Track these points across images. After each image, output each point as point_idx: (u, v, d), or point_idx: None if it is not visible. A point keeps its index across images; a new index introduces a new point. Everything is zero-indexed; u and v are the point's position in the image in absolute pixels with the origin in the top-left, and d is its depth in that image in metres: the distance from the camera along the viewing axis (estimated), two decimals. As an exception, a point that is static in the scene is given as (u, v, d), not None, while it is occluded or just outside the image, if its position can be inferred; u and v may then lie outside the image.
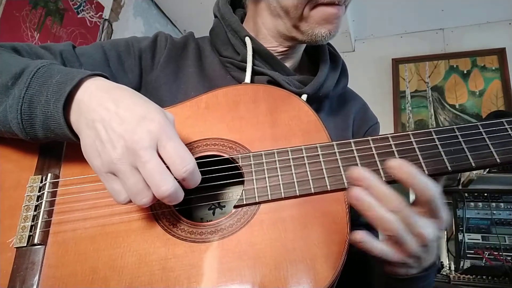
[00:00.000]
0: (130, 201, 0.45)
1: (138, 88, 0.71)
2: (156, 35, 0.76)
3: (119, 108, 0.46)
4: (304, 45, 0.78)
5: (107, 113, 0.45)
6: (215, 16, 0.78)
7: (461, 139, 0.52)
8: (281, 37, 0.72)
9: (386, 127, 0.86)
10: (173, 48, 0.75)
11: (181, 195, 0.45)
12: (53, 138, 0.51)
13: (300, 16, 0.66)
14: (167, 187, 0.43)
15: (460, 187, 2.54)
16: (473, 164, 0.50)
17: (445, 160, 0.51)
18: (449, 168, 0.50)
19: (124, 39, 0.74)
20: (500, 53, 2.89)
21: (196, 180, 0.46)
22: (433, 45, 3.12)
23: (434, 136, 0.53)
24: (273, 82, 0.70)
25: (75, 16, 2.31)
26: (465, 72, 2.97)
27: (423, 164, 0.51)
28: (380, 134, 0.82)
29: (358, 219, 0.57)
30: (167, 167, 0.44)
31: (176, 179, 0.44)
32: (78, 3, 2.33)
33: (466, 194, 2.31)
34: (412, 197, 0.47)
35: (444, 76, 3.02)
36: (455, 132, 0.53)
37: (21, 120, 0.49)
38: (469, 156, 0.51)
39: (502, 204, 2.23)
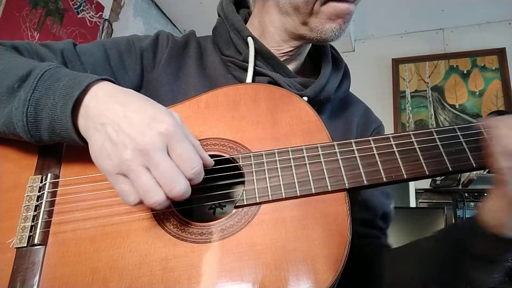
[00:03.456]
0: (139, 202, 0.45)
1: (139, 86, 0.71)
2: (157, 33, 0.76)
3: (128, 111, 0.46)
4: (308, 48, 0.78)
5: (116, 115, 0.46)
6: (219, 15, 0.78)
7: (462, 139, 0.52)
8: (288, 35, 0.72)
9: (386, 127, 0.87)
10: (175, 47, 0.74)
11: (189, 192, 0.46)
12: (58, 141, 0.51)
13: (310, 12, 0.65)
14: (180, 188, 0.44)
15: (460, 187, 2.55)
16: (474, 165, 0.50)
17: (446, 160, 0.51)
18: (450, 169, 0.50)
19: (125, 38, 0.74)
20: (500, 53, 2.89)
21: (200, 179, 0.47)
22: (433, 45, 3.12)
23: (435, 136, 0.53)
24: (273, 83, 0.69)
25: (75, 16, 2.31)
26: (465, 72, 2.98)
27: (424, 164, 0.51)
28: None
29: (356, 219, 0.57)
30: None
31: None
32: (78, 3, 2.33)
33: (466, 194, 2.31)
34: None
35: (444, 76, 3.02)
36: (456, 132, 0.53)
37: (27, 122, 0.49)
38: (470, 157, 0.51)
39: (502, 204, 2.22)
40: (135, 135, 0.44)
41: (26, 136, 0.50)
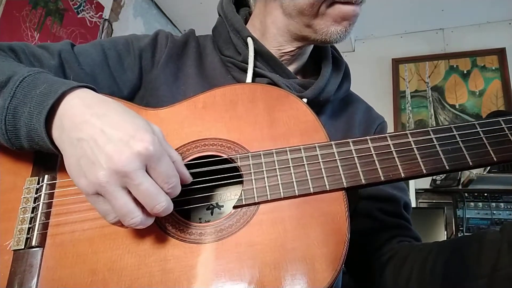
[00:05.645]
0: (120, 221, 0.45)
1: (138, 86, 0.71)
2: (156, 33, 0.75)
3: (105, 125, 0.44)
4: (310, 48, 0.77)
5: (93, 130, 0.44)
6: (219, 15, 0.77)
7: (458, 138, 0.52)
8: (291, 36, 0.71)
9: (386, 127, 0.87)
10: (174, 47, 0.74)
11: (171, 207, 0.46)
12: (38, 149, 0.50)
13: (315, 14, 0.65)
14: (161, 205, 0.44)
15: (460, 187, 2.55)
16: (471, 163, 0.50)
17: (443, 159, 0.51)
18: (447, 167, 0.51)
19: (123, 37, 0.73)
20: (500, 53, 2.90)
21: (176, 192, 0.47)
22: (433, 45, 3.12)
23: (432, 136, 0.53)
24: (273, 84, 0.69)
25: (75, 16, 2.31)
26: (465, 72, 2.98)
27: (421, 163, 0.51)
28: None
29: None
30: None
31: None
32: (78, 3, 2.33)
33: (466, 194, 2.31)
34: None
35: (444, 76, 3.02)
36: (453, 131, 0.53)
37: (6, 130, 0.48)
38: (467, 155, 0.51)
39: (502, 204, 2.23)
40: (112, 154, 0.42)
41: (7, 144, 0.49)
